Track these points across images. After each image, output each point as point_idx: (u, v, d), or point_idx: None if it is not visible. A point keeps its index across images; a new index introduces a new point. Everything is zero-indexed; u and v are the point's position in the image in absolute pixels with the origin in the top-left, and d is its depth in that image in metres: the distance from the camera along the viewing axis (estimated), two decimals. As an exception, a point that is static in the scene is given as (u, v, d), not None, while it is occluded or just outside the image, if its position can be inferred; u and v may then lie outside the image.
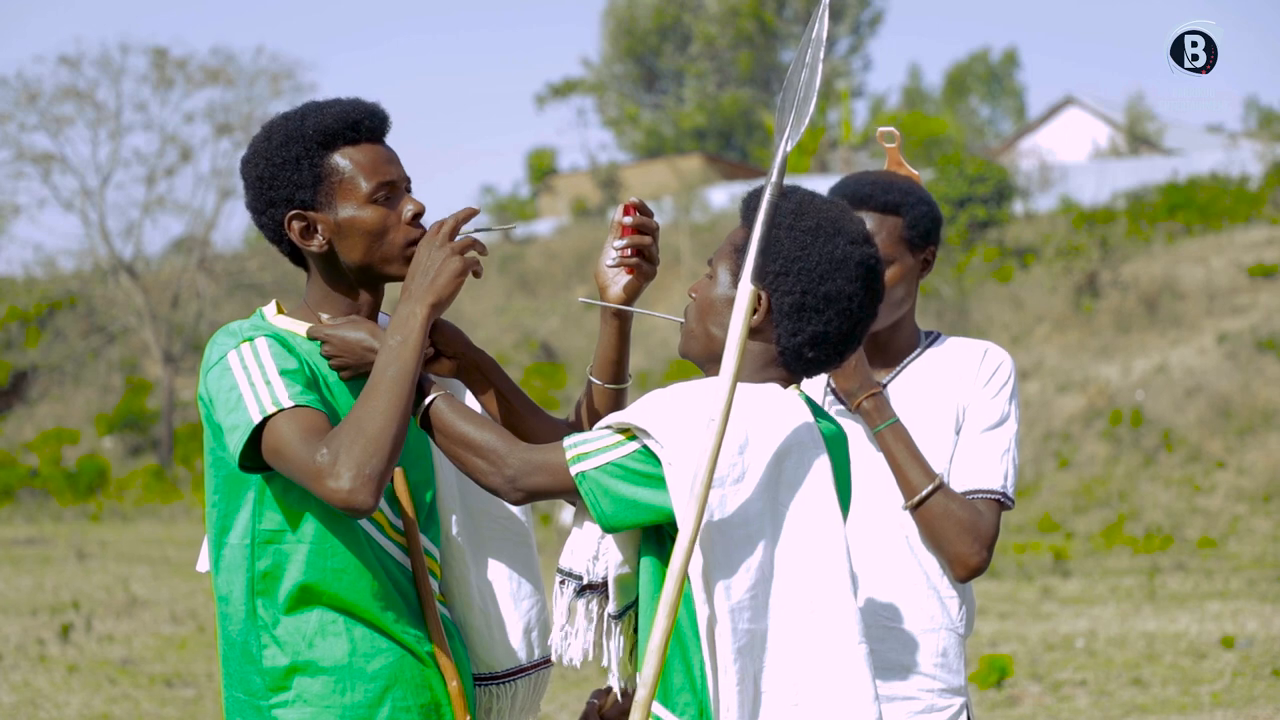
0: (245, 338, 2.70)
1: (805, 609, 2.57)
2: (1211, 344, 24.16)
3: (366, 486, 2.56)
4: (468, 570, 2.89)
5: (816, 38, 2.61)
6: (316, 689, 2.70)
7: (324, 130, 2.75)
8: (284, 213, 2.78)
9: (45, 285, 37.40)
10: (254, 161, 2.80)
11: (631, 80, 54.84)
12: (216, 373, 2.69)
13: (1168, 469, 21.91)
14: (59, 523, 26.27)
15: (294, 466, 2.60)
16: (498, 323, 33.98)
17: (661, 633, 2.49)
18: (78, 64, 35.36)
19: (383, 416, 2.58)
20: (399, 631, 2.74)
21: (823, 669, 2.56)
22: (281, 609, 2.71)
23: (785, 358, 2.69)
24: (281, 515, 2.71)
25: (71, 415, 34.59)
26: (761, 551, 2.55)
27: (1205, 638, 11.82)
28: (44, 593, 15.93)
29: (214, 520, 2.78)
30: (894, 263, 3.35)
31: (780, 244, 2.65)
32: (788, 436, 2.60)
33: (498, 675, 2.91)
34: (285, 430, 2.61)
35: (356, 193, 2.76)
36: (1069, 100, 46.74)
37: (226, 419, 2.67)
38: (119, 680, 10.92)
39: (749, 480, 2.56)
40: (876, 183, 3.39)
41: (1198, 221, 28.90)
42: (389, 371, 2.61)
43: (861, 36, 54.47)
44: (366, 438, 2.57)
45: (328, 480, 2.56)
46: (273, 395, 2.63)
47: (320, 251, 2.78)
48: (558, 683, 10.66)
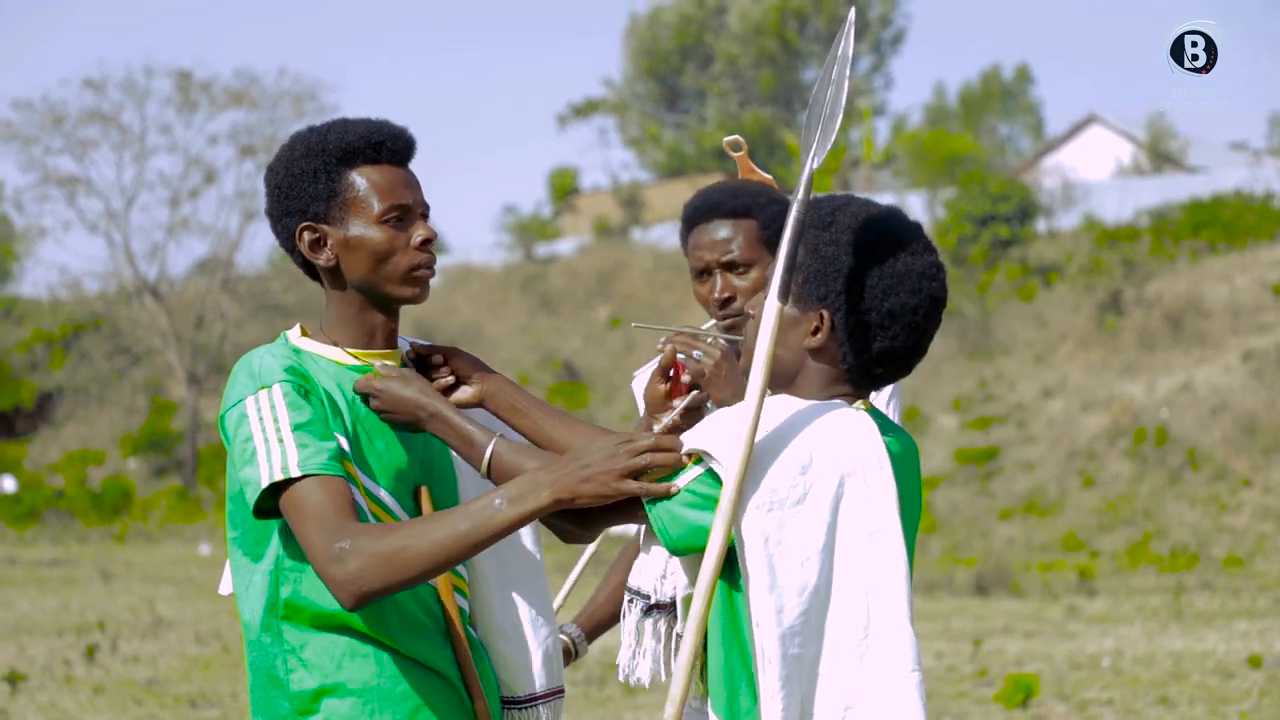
0: (262, 384, 2.69)
1: (859, 633, 2.52)
2: (1236, 362, 24.07)
3: (358, 596, 2.57)
4: (491, 593, 2.89)
5: (842, 55, 2.60)
6: (345, 710, 2.69)
7: (345, 146, 2.77)
8: (296, 223, 2.80)
9: (70, 307, 37.54)
10: (275, 170, 2.83)
11: (653, 99, 54.91)
12: (234, 417, 2.69)
13: (1193, 487, 21.81)
14: (84, 544, 26.35)
15: (306, 539, 2.60)
16: (520, 342, 34.00)
17: (690, 649, 2.47)
18: (102, 87, 35.55)
19: (426, 558, 2.57)
20: (426, 652, 2.74)
21: (874, 695, 2.51)
22: (309, 633, 2.70)
23: (851, 375, 2.65)
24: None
25: (96, 437, 34.71)
26: (817, 574, 2.50)
27: (1232, 657, 11.76)
28: (70, 613, 15.98)
29: (239, 545, 2.78)
30: (755, 265, 3.35)
31: (839, 261, 2.60)
32: (852, 457, 2.54)
33: (519, 700, 2.91)
34: (308, 502, 2.61)
35: (368, 211, 2.76)
36: (1091, 118, 46.66)
37: (241, 470, 2.68)
38: (144, 701, 10.94)
39: (810, 502, 2.50)
40: (725, 189, 3.40)
41: (1222, 239, 28.81)
42: (468, 524, 2.57)
43: (883, 55, 54.46)
44: (397, 561, 2.56)
45: (333, 568, 2.56)
46: (284, 460, 2.62)
47: (327, 266, 2.80)
48: (581, 701, 10.65)
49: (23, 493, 30.70)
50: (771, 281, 2.56)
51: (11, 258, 42.19)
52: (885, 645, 2.52)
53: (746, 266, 3.35)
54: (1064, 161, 39.74)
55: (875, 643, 2.52)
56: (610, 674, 11.61)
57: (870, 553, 2.52)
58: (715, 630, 2.56)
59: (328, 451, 2.65)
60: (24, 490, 30.98)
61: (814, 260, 2.63)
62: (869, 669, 2.52)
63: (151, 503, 30.62)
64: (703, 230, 3.39)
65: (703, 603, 2.48)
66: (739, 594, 2.54)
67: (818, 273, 2.62)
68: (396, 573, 2.56)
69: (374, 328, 2.83)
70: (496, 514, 2.56)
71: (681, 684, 2.49)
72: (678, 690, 2.49)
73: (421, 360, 2.89)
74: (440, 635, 2.77)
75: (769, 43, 52.07)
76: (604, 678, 11.46)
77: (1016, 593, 16.72)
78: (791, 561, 2.48)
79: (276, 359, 2.74)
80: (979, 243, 29.37)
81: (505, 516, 2.56)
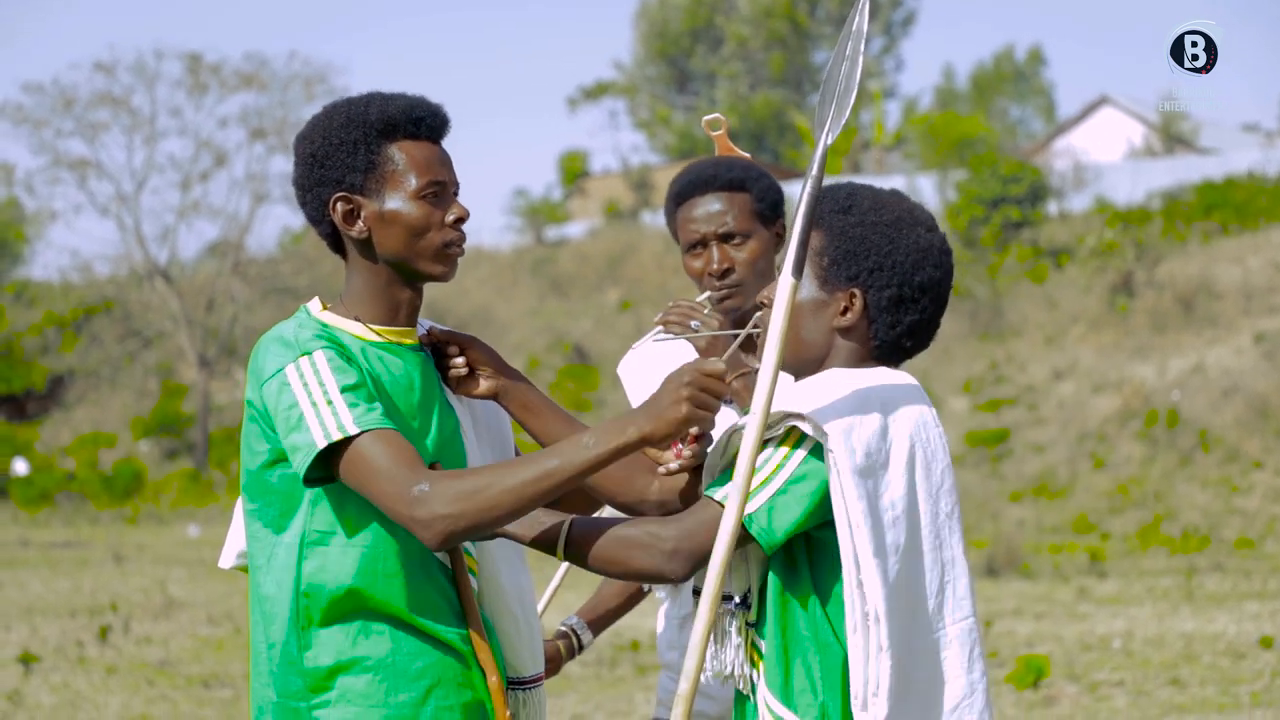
0: (304, 350, 2.68)
1: (936, 588, 2.64)
2: (1248, 344, 24.02)
3: (445, 534, 2.57)
4: (500, 574, 2.89)
5: (857, 30, 2.59)
6: (360, 688, 2.69)
7: (387, 119, 2.76)
8: (331, 193, 2.77)
9: (81, 290, 37.62)
10: (310, 139, 2.79)
11: (663, 82, 54.87)
12: (274, 387, 2.67)
13: (1204, 469, 21.79)
14: (96, 526, 26.42)
15: (380, 489, 2.59)
16: (530, 325, 34.02)
17: (704, 625, 2.49)
18: (113, 70, 35.58)
19: (511, 493, 2.57)
20: (442, 630, 2.74)
21: (944, 646, 2.63)
22: (327, 609, 2.70)
23: (882, 350, 2.73)
24: (335, 518, 2.70)
25: (108, 419, 34.80)
26: (905, 535, 2.60)
27: (1243, 638, 11.76)
28: (82, 595, 16.03)
29: (258, 517, 2.77)
30: (751, 237, 3.40)
31: (868, 241, 2.69)
32: (915, 420, 2.65)
33: (525, 680, 2.92)
34: (373, 453, 2.60)
35: (406, 186, 2.76)
36: (1103, 100, 46.55)
37: (288, 438, 2.65)
38: (157, 682, 10.97)
39: (892, 465, 2.60)
40: (718, 163, 3.44)
41: (1234, 221, 28.75)
42: (554, 462, 2.59)
43: (894, 37, 54.37)
44: (480, 499, 2.57)
45: (416, 509, 2.56)
46: (338, 420, 2.62)
47: (359, 238, 2.78)
48: (593, 682, 10.67)
49: (35, 475, 30.79)
50: (786, 259, 2.57)
51: (23, 241, 42.27)
52: (952, 599, 2.64)
53: (744, 237, 3.39)
54: (1075, 143, 39.67)
55: (946, 597, 2.63)
56: (621, 655, 11.64)
57: (936, 511, 2.64)
58: (772, 612, 2.61)
59: (379, 409, 2.66)
60: (36, 473, 31.08)
61: (841, 242, 2.70)
62: (939, 622, 2.63)
63: (163, 485, 30.71)
64: (696, 204, 3.42)
65: (716, 581, 2.50)
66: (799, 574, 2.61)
67: (847, 253, 2.69)
68: (482, 510, 2.56)
69: (400, 304, 2.82)
70: (584, 451, 2.58)
71: (695, 659, 2.51)
72: (692, 663, 2.51)
73: (437, 348, 2.88)
74: (454, 615, 2.77)
75: (779, 25, 51.99)
76: (615, 659, 11.49)
77: (1027, 574, 16.72)
78: (887, 522, 2.58)
79: (308, 329, 2.74)
80: (990, 225, 29.33)
81: (592, 453, 2.58)
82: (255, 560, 2.77)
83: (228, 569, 3.05)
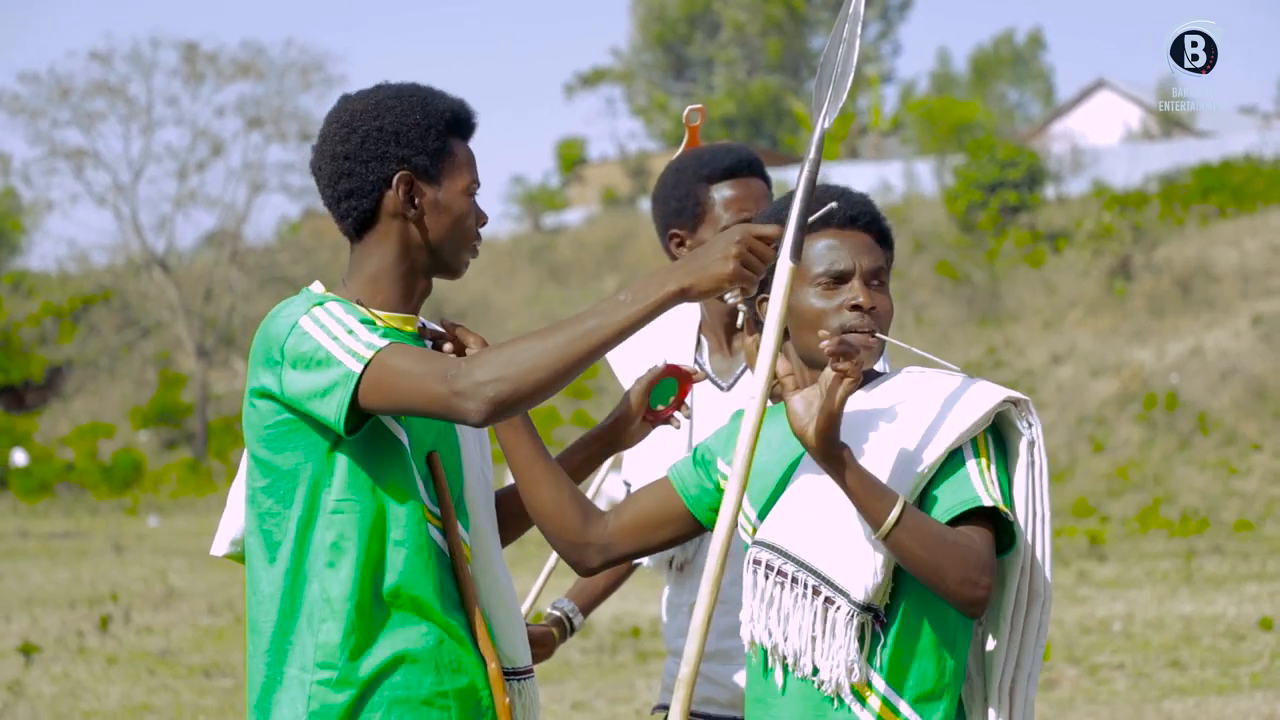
0: (315, 302, 2.73)
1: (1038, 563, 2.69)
2: (1246, 326, 24.03)
3: (491, 403, 2.55)
4: (494, 564, 2.90)
5: (854, 13, 2.59)
6: (360, 668, 2.71)
7: (452, 114, 2.84)
8: (396, 170, 2.80)
9: (79, 280, 37.61)
10: (377, 115, 2.82)
11: (660, 69, 54.79)
12: (294, 340, 2.68)
13: (1203, 452, 21.81)
14: (96, 516, 26.43)
15: (414, 384, 2.60)
16: (528, 313, 34.01)
17: (705, 609, 2.49)
18: (109, 59, 35.54)
19: (551, 354, 2.55)
20: (441, 614, 2.75)
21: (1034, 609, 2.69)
22: (337, 584, 2.71)
23: None
24: (349, 488, 2.72)
25: (106, 409, 34.79)
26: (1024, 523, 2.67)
27: (1243, 620, 11.77)
28: (82, 585, 16.04)
29: (268, 494, 2.77)
30: None
31: None
32: None
33: (520, 671, 2.92)
34: (398, 360, 2.62)
35: (461, 179, 2.83)
36: (1100, 83, 46.52)
37: (318, 380, 2.65)
38: (158, 671, 10.99)
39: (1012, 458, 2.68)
40: (743, 147, 3.51)
41: (1231, 204, 28.73)
42: (592, 321, 2.57)
43: (891, 22, 54.31)
44: (521, 363, 2.56)
45: (456, 383, 2.56)
46: (364, 342, 2.64)
47: (408, 218, 2.81)
48: (594, 669, 10.69)
49: (34, 466, 30.80)
50: (784, 243, 2.56)
51: (20, 231, 42.22)
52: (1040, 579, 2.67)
53: None
54: (1073, 127, 39.62)
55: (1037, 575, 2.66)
56: (622, 642, 11.65)
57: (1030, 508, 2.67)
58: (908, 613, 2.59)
59: (397, 335, 2.71)
60: (35, 463, 31.09)
61: None
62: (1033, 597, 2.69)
63: (162, 475, 30.71)
64: (742, 184, 3.46)
65: (717, 565, 2.50)
66: None
67: None
68: (525, 373, 2.54)
69: (414, 291, 2.86)
70: (622, 308, 2.56)
71: (696, 644, 2.51)
72: (693, 649, 2.51)
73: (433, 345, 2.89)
74: (454, 602, 2.78)
75: (776, 11, 51.92)
76: (615, 646, 11.50)
77: (1027, 558, 16.73)
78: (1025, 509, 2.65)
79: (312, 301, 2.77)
80: (988, 209, 29.31)
81: (631, 311, 2.56)
82: (260, 542, 2.77)
83: (220, 556, 3.06)
